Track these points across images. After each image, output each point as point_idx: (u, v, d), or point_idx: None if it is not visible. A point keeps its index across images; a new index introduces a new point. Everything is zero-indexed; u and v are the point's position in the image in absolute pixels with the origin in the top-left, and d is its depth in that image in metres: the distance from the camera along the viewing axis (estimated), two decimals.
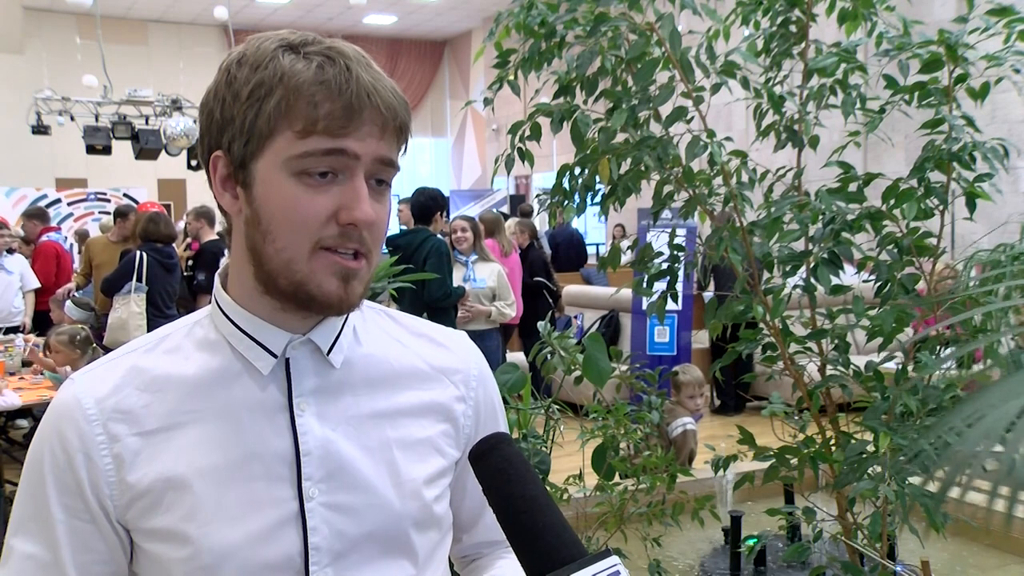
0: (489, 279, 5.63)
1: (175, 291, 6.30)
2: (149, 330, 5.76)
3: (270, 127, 0.86)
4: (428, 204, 5.22)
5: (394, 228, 7.65)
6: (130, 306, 5.87)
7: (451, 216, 6.41)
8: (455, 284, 5.26)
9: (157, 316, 5.97)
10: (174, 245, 6.97)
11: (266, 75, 0.85)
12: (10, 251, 7.05)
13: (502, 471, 0.81)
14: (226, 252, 7.83)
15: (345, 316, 0.96)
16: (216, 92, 0.89)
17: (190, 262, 7.14)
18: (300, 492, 0.91)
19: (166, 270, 6.11)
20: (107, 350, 5.21)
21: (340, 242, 0.87)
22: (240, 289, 0.94)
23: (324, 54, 0.86)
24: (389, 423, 0.97)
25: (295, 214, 0.86)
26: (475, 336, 4.87)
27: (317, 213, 0.86)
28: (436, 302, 4.95)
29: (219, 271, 0.99)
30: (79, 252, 8.91)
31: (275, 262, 0.88)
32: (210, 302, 0.98)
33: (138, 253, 5.99)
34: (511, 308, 5.71)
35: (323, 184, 0.86)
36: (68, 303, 6.34)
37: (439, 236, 5.22)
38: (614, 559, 0.74)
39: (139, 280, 5.90)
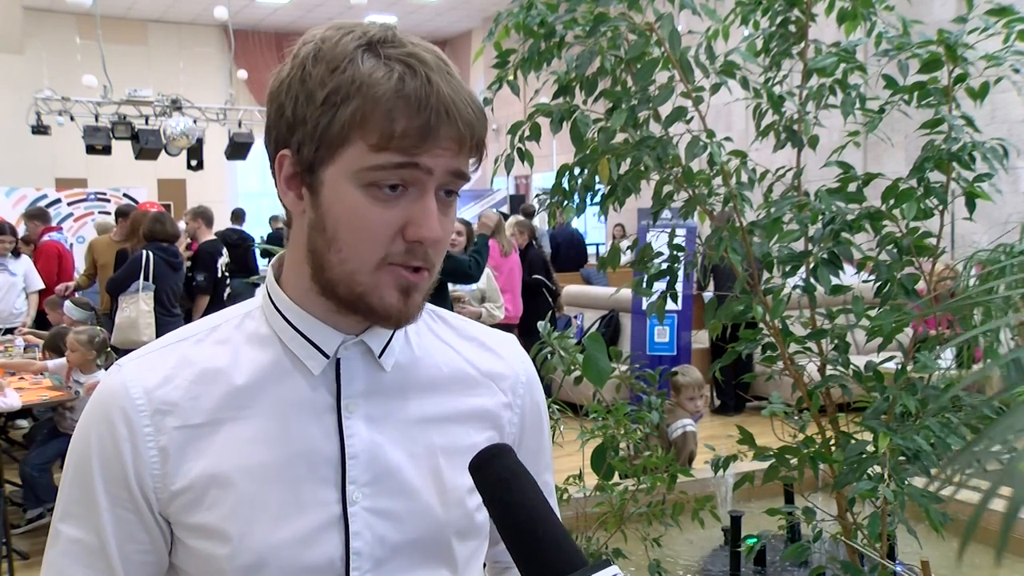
0: (480, 281, 5.64)
1: (180, 290, 6.31)
2: (157, 329, 5.74)
3: (343, 136, 0.83)
4: None
5: None
6: (139, 305, 5.86)
7: None
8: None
9: (164, 315, 5.95)
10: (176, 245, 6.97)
11: (343, 80, 0.82)
12: (16, 253, 7.03)
13: (503, 480, 0.81)
14: (224, 252, 7.81)
15: None
16: (288, 88, 0.86)
17: (188, 262, 7.15)
18: (344, 495, 0.90)
19: (172, 269, 6.12)
20: (116, 351, 5.20)
21: (406, 259, 0.86)
22: (295, 286, 0.93)
23: (405, 62, 0.83)
24: (436, 429, 0.96)
25: (362, 227, 0.85)
26: None
27: (385, 228, 0.85)
28: (468, 278, 5.03)
29: (272, 262, 0.98)
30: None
31: (338, 271, 0.87)
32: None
33: (144, 252, 5.99)
34: (500, 310, 5.72)
35: (392, 198, 0.85)
36: (67, 303, 6.33)
37: None
38: (614, 569, 0.74)
39: (146, 279, 5.90)
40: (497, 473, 0.81)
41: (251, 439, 0.89)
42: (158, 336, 5.39)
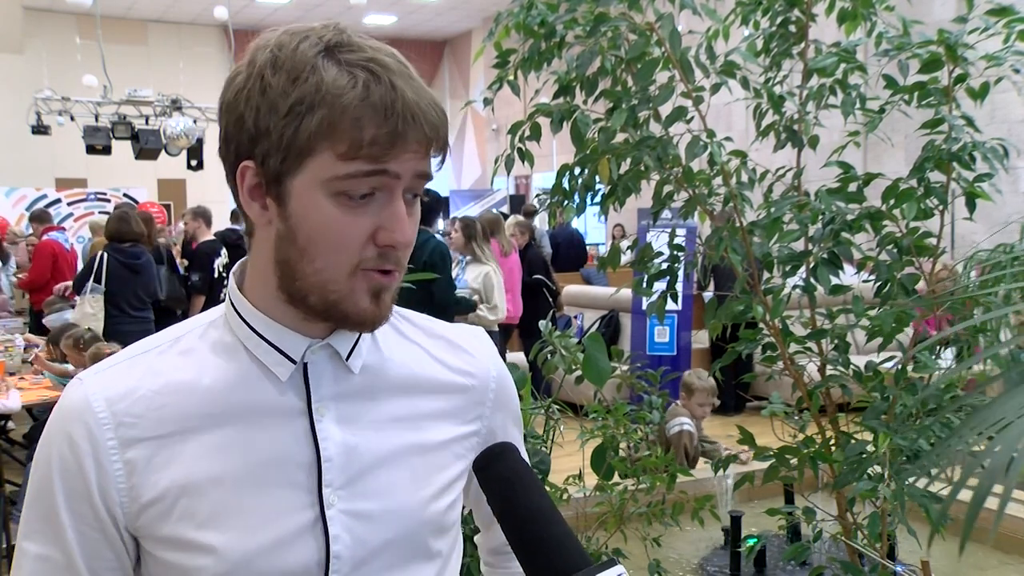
0: (473, 281, 5.60)
1: (150, 292, 6.05)
2: (106, 332, 5.64)
3: (310, 146, 0.82)
4: (432, 205, 5.22)
5: None
6: (84, 307, 5.70)
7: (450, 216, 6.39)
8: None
9: (121, 318, 5.76)
10: (173, 246, 6.94)
11: (307, 89, 0.81)
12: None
13: (507, 480, 0.81)
14: (222, 252, 7.72)
15: None
16: (248, 98, 0.84)
17: (186, 262, 7.13)
18: (320, 499, 0.89)
19: (130, 271, 5.86)
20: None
21: (379, 263, 0.86)
22: (260, 294, 0.92)
23: (368, 68, 0.82)
24: (409, 428, 0.96)
25: (335, 236, 0.85)
26: None
27: (357, 235, 0.85)
28: (447, 304, 4.99)
29: (233, 270, 0.97)
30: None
31: (311, 280, 0.87)
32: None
33: (99, 254, 5.86)
34: (492, 312, 5.58)
35: (361, 204, 0.85)
36: (47, 318, 6.26)
37: (438, 237, 5.22)
38: (619, 568, 0.74)
39: (97, 281, 5.72)
40: (501, 473, 0.82)
41: (221, 447, 0.88)
42: (105, 339, 5.32)
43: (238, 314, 0.93)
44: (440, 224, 5.38)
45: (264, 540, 0.87)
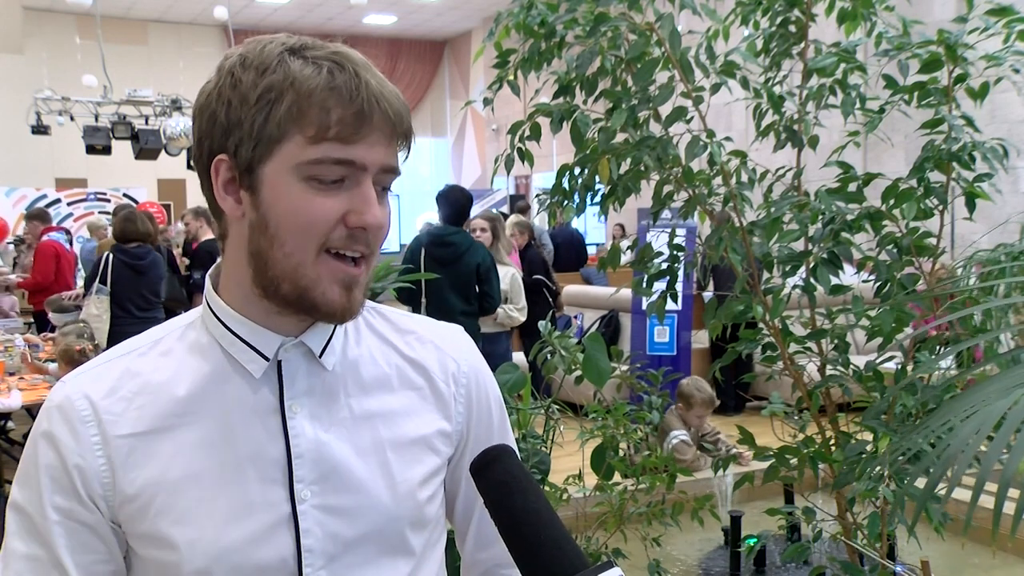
0: (502, 282, 5.52)
1: (156, 292, 6.05)
2: (112, 333, 5.64)
3: (280, 131, 0.86)
4: (467, 206, 5.17)
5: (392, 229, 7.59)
6: (90, 308, 5.71)
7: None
8: None
9: (126, 318, 5.77)
10: (172, 246, 6.92)
11: (275, 79, 0.86)
12: None
13: (504, 483, 0.81)
14: None
15: None
16: (219, 95, 0.88)
17: (187, 261, 7.13)
18: (292, 494, 0.91)
19: (134, 272, 5.86)
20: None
21: (347, 244, 0.88)
22: (235, 292, 0.94)
23: (332, 59, 0.87)
24: (382, 423, 0.97)
25: (305, 216, 0.87)
26: (485, 339, 4.75)
27: (327, 215, 0.87)
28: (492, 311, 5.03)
29: (210, 272, 0.99)
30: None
31: (282, 266, 0.89)
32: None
33: (105, 255, 5.85)
34: (521, 313, 5.47)
35: (332, 188, 0.87)
36: (51, 314, 6.28)
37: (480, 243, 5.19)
38: (617, 571, 0.74)
39: (102, 282, 5.72)
40: (497, 477, 0.81)
41: (197, 444, 0.91)
42: (110, 340, 5.29)
43: (214, 314, 0.95)
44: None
45: (239, 535, 0.90)
